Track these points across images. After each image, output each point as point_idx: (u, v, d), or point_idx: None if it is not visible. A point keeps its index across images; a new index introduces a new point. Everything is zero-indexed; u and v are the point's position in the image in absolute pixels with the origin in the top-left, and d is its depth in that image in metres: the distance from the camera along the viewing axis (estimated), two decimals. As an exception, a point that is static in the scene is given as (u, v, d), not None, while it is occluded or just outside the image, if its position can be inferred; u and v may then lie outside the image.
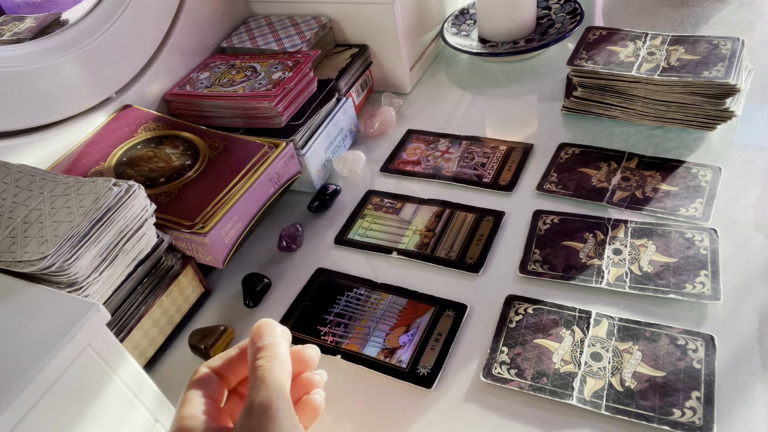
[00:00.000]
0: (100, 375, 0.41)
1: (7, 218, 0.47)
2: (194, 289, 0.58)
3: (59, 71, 0.62)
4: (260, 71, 0.70)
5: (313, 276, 0.59)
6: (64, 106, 0.63)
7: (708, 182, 0.58)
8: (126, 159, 0.62)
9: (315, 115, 0.67)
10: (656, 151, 0.63)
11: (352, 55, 0.77)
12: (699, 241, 0.52)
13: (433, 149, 0.71)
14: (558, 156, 0.65)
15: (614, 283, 0.51)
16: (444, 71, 0.85)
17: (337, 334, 0.52)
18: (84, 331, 0.38)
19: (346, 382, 0.49)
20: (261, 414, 0.34)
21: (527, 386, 0.45)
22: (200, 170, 0.60)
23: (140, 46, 0.70)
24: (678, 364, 0.44)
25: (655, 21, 0.83)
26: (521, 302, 0.51)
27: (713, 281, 0.49)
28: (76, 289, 0.45)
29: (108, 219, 0.47)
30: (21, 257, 0.44)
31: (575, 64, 0.67)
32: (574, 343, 0.47)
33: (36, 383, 0.36)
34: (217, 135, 0.64)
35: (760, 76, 0.69)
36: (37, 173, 0.51)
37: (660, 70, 0.63)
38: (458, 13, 0.90)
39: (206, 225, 0.54)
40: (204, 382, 0.39)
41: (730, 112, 0.60)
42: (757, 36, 0.76)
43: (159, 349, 0.54)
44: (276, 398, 0.34)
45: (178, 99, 0.71)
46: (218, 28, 0.80)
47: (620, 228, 0.55)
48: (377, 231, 0.62)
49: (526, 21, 0.82)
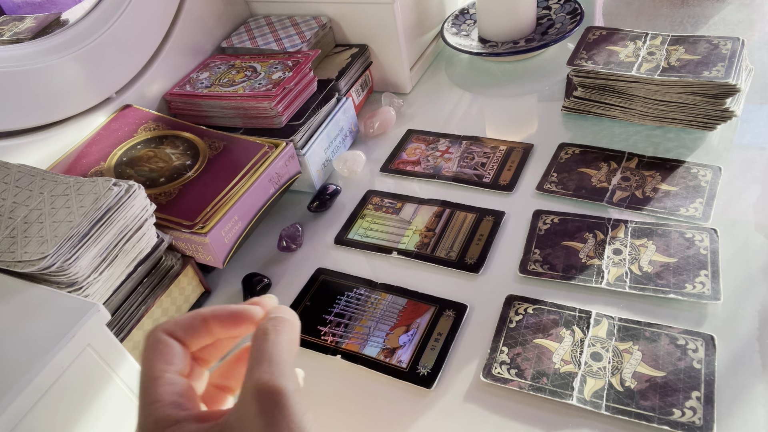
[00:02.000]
0: (100, 375, 0.41)
1: (7, 218, 0.47)
2: (194, 289, 0.58)
3: (59, 71, 0.62)
4: (260, 71, 0.70)
5: (313, 276, 0.59)
6: (64, 106, 0.63)
7: (708, 182, 0.58)
8: (126, 159, 0.62)
9: (315, 115, 0.67)
10: (656, 151, 0.63)
11: (352, 55, 0.77)
12: (699, 241, 0.52)
13: (433, 149, 0.71)
14: (558, 156, 0.65)
15: (614, 283, 0.51)
16: (444, 71, 0.85)
17: (337, 334, 0.52)
18: (84, 331, 0.38)
19: (346, 382, 0.49)
20: (267, 399, 0.26)
21: (527, 386, 0.45)
22: (200, 170, 0.60)
23: (140, 46, 0.70)
24: (678, 364, 0.44)
25: (655, 21, 0.83)
26: (521, 302, 0.51)
27: (713, 281, 0.49)
28: (76, 289, 0.45)
29: (108, 219, 0.47)
30: (21, 257, 0.44)
31: (575, 64, 0.67)
32: (574, 343, 0.47)
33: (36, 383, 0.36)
34: (217, 135, 0.64)
35: (760, 76, 0.69)
36: (37, 173, 0.51)
37: (660, 70, 0.63)
38: (458, 13, 0.90)
39: (206, 225, 0.54)
40: (168, 353, 0.30)
41: (730, 112, 0.60)
42: (757, 36, 0.76)
43: (159, 349, 0.54)
44: (285, 380, 0.27)
45: (178, 99, 0.71)
46: (218, 28, 0.80)
47: (620, 228, 0.55)
48: (377, 231, 0.62)
49: (526, 21, 0.82)
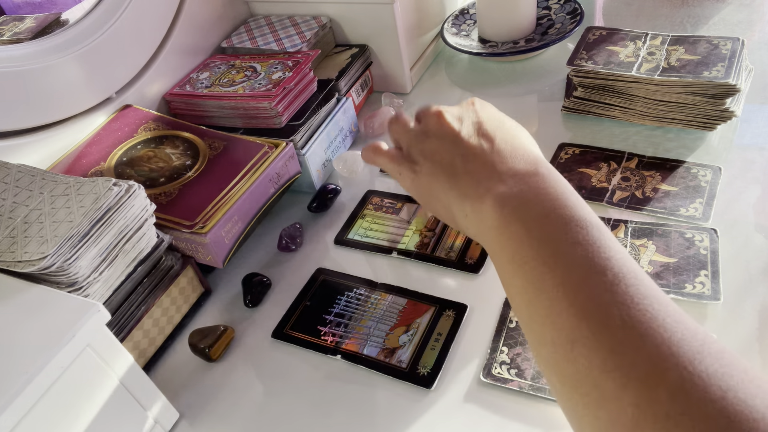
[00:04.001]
0: (100, 375, 0.41)
1: (7, 218, 0.47)
2: (194, 289, 0.58)
3: (59, 71, 0.62)
4: (260, 71, 0.70)
5: (313, 276, 0.59)
6: (64, 106, 0.63)
7: (708, 182, 0.58)
8: (126, 159, 0.62)
9: (315, 115, 0.67)
10: (656, 151, 0.63)
11: (352, 55, 0.77)
12: (699, 241, 0.52)
13: (433, 149, 0.70)
14: (558, 156, 0.65)
15: (614, 283, 0.51)
16: (444, 71, 0.85)
17: (337, 334, 0.52)
18: (84, 331, 0.38)
19: (346, 382, 0.49)
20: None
21: (527, 386, 0.45)
22: (200, 170, 0.60)
23: (140, 46, 0.70)
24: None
25: (655, 21, 0.83)
26: (521, 302, 0.51)
27: (713, 281, 0.49)
28: (76, 289, 0.45)
29: (108, 219, 0.47)
30: (21, 257, 0.44)
31: (575, 64, 0.67)
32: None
33: (36, 383, 0.36)
34: (217, 135, 0.64)
35: (760, 76, 0.69)
36: (37, 173, 0.51)
37: (660, 70, 0.63)
38: (458, 13, 0.90)
39: (206, 225, 0.54)
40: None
41: (730, 112, 0.60)
42: (757, 36, 0.76)
43: (159, 349, 0.54)
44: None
45: (178, 99, 0.71)
46: (218, 28, 0.80)
47: (620, 228, 0.55)
48: (377, 231, 0.62)
49: (526, 21, 0.82)
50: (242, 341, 0.54)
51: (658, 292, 0.28)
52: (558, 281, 0.29)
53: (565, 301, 0.28)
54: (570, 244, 0.30)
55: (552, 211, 0.31)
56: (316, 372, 0.50)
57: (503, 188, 0.34)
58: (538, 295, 0.30)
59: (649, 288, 0.28)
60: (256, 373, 0.52)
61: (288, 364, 0.51)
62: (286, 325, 0.54)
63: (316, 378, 0.50)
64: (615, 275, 0.28)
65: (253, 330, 0.55)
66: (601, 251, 0.29)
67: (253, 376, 0.51)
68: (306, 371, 0.51)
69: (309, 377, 0.50)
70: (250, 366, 0.52)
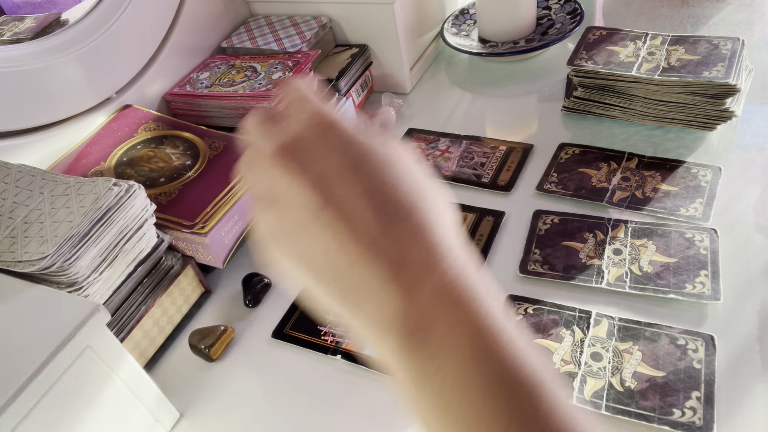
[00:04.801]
0: (101, 375, 0.41)
1: (7, 218, 0.47)
2: (194, 289, 0.58)
3: (59, 71, 0.62)
4: (260, 71, 0.70)
5: (313, 276, 0.59)
6: (64, 106, 0.63)
7: (708, 182, 0.58)
8: (126, 159, 0.62)
9: (315, 115, 0.67)
10: (656, 151, 0.63)
11: (352, 55, 0.77)
12: (699, 241, 0.52)
13: (433, 149, 0.71)
14: (558, 156, 0.65)
15: (614, 283, 0.51)
16: (444, 71, 0.85)
17: (338, 334, 0.52)
18: (84, 332, 0.38)
19: (346, 382, 0.49)
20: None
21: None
22: (200, 170, 0.60)
23: (140, 46, 0.70)
24: (678, 364, 0.44)
25: (655, 21, 0.83)
26: (521, 302, 0.51)
27: (713, 281, 0.49)
28: (76, 289, 0.45)
29: (108, 219, 0.47)
30: (21, 257, 0.44)
31: (575, 64, 0.67)
32: (574, 343, 0.47)
33: (36, 383, 0.36)
34: (217, 135, 0.64)
35: (760, 76, 0.69)
36: (37, 173, 0.51)
37: (660, 70, 0.63)
38: (458, 13, 0.90)
39: (206, 225, 0.54)
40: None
41: (730, 112, 0.60)
42: (757, 36, 0.76)
43: (159, 349, 0.54)
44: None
45: (178, 99, 0.71)
46: (218, 28, 0.80)
47: (620, 228, 0.55)
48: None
49: (526, 21, 0.82)
50: (242, 341, 0.54)
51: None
52: None
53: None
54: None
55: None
56: (316, 372, 0.50)
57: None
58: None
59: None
60: (256, 373, 0.52)
61: (288, 364, 0.51)
62: (286, 325, 0.54)
63: (316, 378, 0.50)
64: None
65: (253, 330, 0.55)
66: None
67: (253, 376, 0.51)
68: (306, 371, 0.51)
69: (309, 377, 0.50)
70: (250, 366, 0.52)
